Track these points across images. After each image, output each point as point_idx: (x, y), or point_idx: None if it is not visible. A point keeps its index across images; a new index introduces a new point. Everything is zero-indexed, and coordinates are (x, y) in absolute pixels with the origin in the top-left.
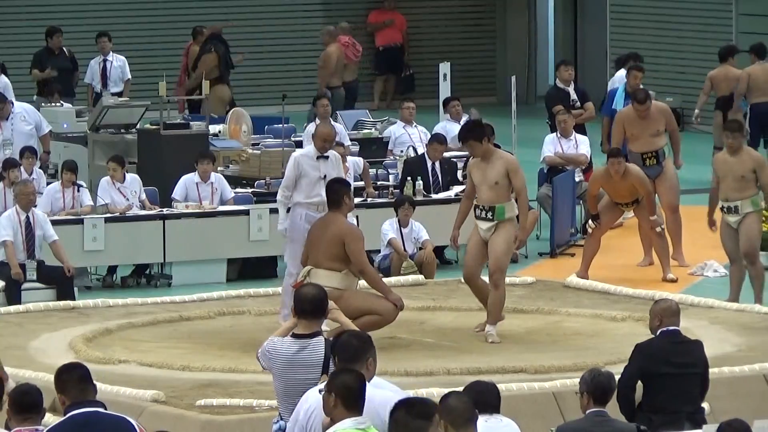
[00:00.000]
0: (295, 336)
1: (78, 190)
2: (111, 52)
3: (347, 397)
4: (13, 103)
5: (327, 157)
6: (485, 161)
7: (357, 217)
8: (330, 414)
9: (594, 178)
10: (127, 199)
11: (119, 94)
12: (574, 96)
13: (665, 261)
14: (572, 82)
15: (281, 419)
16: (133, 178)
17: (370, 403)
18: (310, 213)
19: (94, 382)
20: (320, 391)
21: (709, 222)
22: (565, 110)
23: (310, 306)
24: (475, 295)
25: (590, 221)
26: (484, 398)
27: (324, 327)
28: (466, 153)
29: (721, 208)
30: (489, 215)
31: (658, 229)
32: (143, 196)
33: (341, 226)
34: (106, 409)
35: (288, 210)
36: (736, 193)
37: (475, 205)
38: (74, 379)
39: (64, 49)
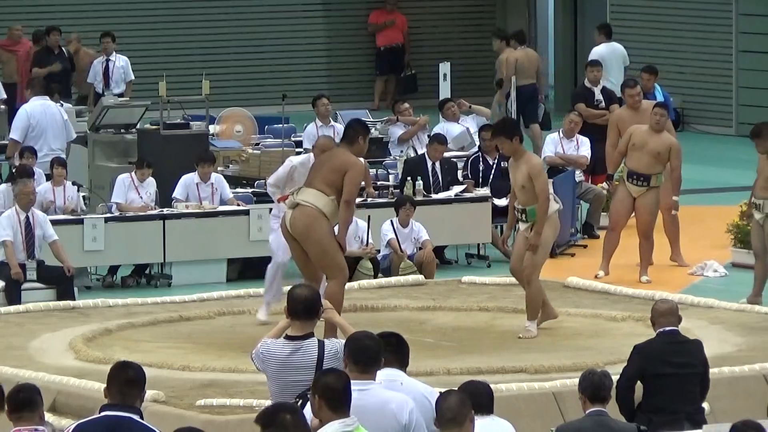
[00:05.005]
0: (289, 338)
1: (78, 190)
2: (114, 53)
3: (331, 398)
4: (62, 103)
5: None
6: (515, 162)
7: (369, 216)
8: (317, 416)
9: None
10: (141, 198)
11: (121, 95)
12: (599, 96)
13: (644, 263)
14: (599, 83)
15: None
16: (150, 180)
17: (387, 406)
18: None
19: (145, 389)
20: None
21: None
22: (576, 112)
23: (302, 307)
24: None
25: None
26: (477, 400)
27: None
28: (467, 153)
29: (752, 204)
30: (523, 216)
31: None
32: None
33: (349, 158)
34: (142, 417)
35: None
36: (762, 192)
37: (515, 206)
38: (121, 379)
39: (63, 48)
